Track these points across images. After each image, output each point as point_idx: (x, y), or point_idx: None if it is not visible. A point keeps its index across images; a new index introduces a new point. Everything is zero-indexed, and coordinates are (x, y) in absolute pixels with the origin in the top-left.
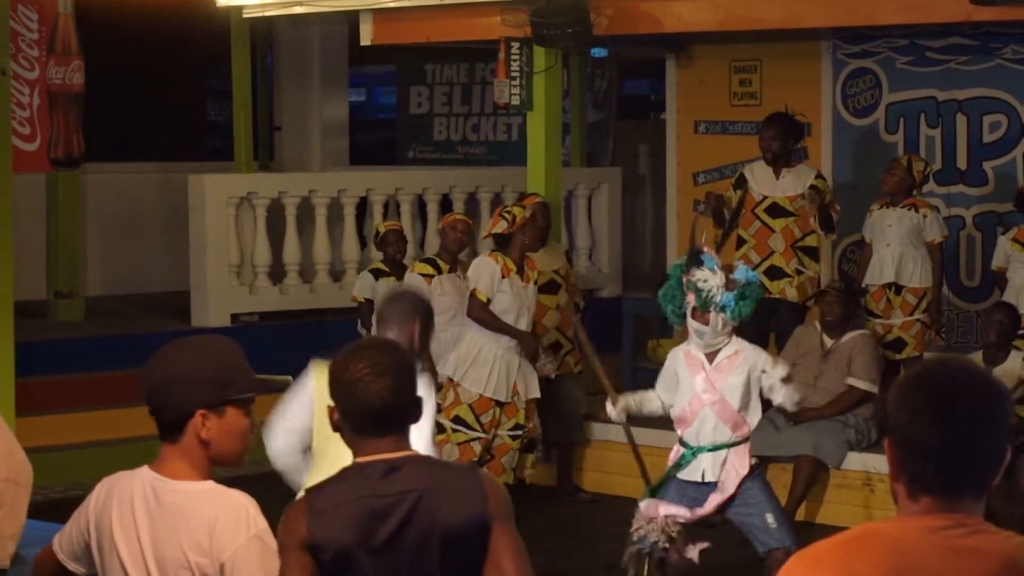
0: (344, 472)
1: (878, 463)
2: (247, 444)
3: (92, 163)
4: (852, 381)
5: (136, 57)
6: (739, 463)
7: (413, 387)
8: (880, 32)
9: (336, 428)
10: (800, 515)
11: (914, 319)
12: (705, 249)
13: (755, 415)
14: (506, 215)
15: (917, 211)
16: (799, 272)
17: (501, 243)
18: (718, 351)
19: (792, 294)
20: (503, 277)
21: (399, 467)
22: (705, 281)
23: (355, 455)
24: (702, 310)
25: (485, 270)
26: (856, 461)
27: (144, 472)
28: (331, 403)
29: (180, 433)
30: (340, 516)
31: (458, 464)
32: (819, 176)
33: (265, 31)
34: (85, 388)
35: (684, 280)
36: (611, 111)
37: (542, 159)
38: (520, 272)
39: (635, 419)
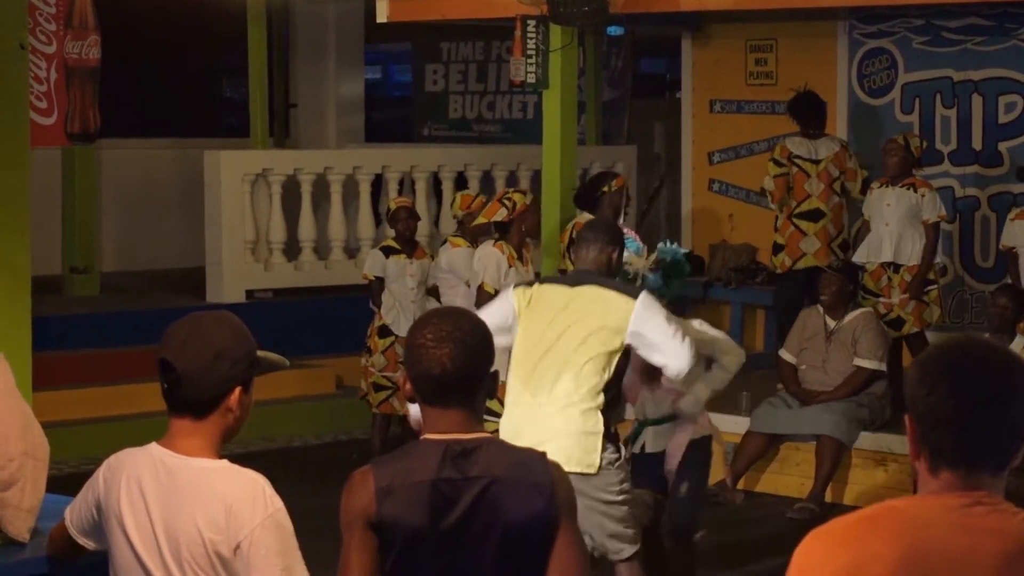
0: (413, 448)
1: (891, 442)
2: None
3: (108, 139)
4: (859, 362)
5: (152, 33)
6: (685, 433)
7: (480, 357)
8: (896, 12)
9: (409, 398)
10: None
11: (909, 296)
12: (627, 231)
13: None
14: (506, 202)
15: (916, 191)
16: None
17: (500, 230)
18: None
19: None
20: (509, 267)
21: (472, 450)
22: (631, 264)
23: (425, 429)
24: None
25: (491, 262)
26: (869, 440)
27: (154, 449)
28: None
29: (212, 411)
30: (411, 497)
31: (530, 452)
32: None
33: (281, 8)
34: (101, 363)
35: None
36: (627, 90)
37: (557, 137)
38: (520, 258)
39: None
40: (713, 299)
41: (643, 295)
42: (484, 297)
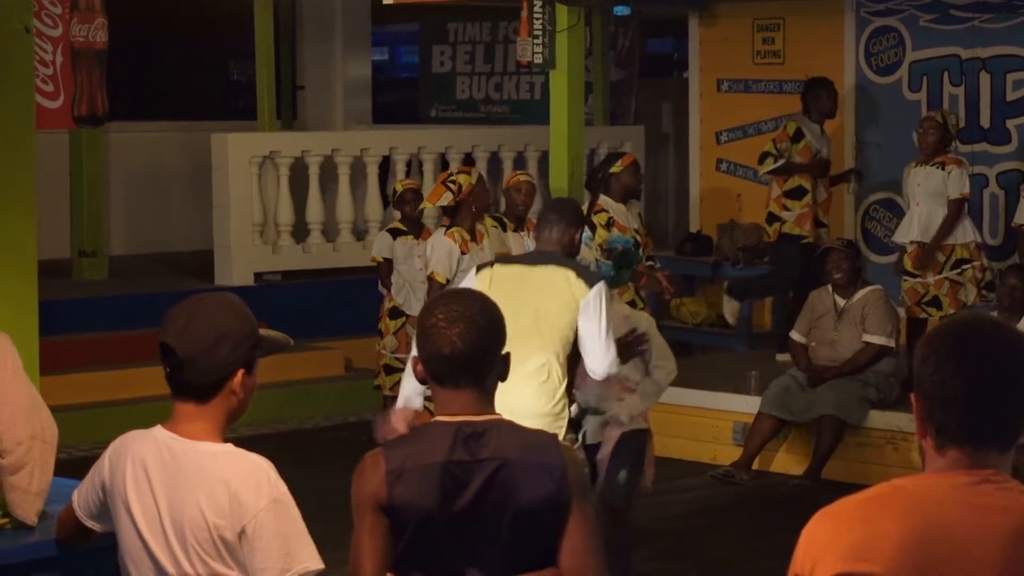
0: (424, 431)
1: (900, 421)
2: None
3: (115, 122)
4: (867, 338)
5: (159, 16)
6: (618, 428)
7: (491, 338)
8: None
9: (421, 380)
10: (824, 473)
11: (943, 277)
12: None
13: (638, 375)
14: (450, 185)
15: (944, 168)
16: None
17: (448, 214)
18: None
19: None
20: (463, 253)
21: (483, 432)
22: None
23: (437, 411)
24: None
25: (442, 251)
26: (879, 419)
27: (159, 432)
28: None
29: (215, 394)
30: (422, 479)
31: (541, 434)
32: None
33: None
34: (109, 347)
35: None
36: (634, 69)
37: (565, 118)
38: (474, 239)
39: None
40: (721, 278)
41: (598, 286)
42: (435, 287)
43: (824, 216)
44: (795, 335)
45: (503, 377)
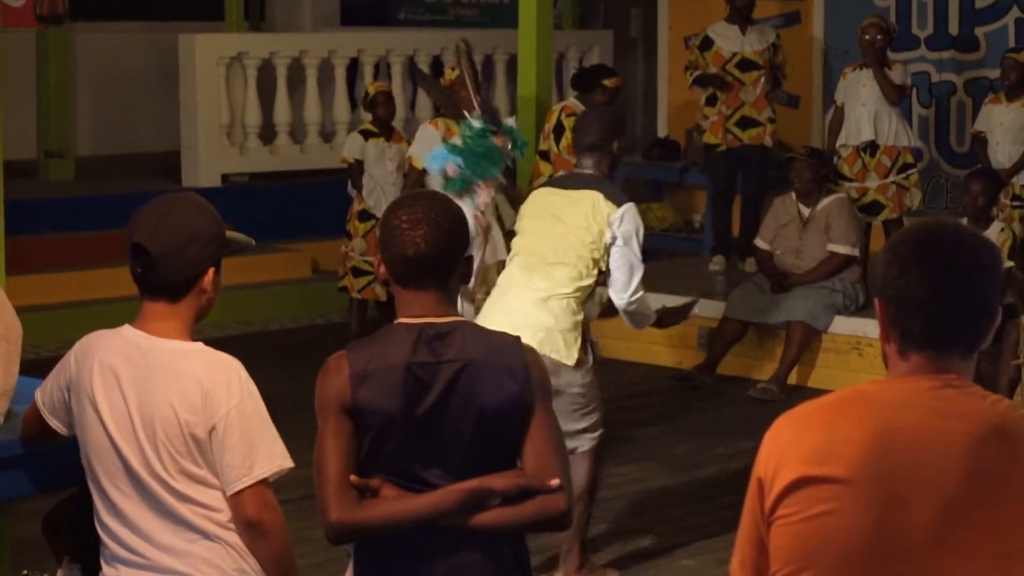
0: (388, 332)
1: (866, 327)
2: None
3: (82, 22)
4: (832, 247)
5: None
6: None
7: (454, 240)
8: None
9: (384, 281)
10: (789, 379)
11: (890, 181)
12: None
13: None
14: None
15: (890, 70)
16: (771, 120)
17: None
18: None
19: (768, 141)
20: (444, 141)
21: (446, 333)
22: (516, 127)
23: (400, 313)
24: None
25: (423, 138)
26: (844, 325)
27: (127, 331)
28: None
29: (187, 293)
30: (386, 381)
31: (505, 336)
32: (778, 35)
33: None
34: (75, 247)
35: (495, 136)
36: None
37: (533, 21)
38: None
39: None
40: (689, 184)
41: (627, 205)
42: (412, 173)
43: (759, 114)
44: (759, 242)
45: (466, 279)
